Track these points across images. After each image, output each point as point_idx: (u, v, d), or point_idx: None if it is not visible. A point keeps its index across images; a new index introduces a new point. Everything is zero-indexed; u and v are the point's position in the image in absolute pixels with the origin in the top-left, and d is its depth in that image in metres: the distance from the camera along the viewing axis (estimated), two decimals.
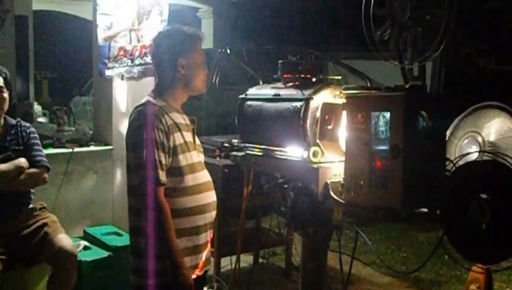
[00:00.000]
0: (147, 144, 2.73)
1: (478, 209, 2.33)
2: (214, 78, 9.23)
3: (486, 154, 2.69)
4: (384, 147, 2.56)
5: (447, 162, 2.62)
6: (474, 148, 3.06)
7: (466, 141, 3.16)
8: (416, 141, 2.49)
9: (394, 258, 6.31)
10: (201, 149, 3.08)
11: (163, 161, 2.73)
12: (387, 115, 2.52)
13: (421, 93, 2.56)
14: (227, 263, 5.17)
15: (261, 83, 3.63)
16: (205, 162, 3.12)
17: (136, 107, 2.91)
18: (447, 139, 2.85)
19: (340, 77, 3.09)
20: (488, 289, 3.21)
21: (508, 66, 8.20)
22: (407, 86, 2.54)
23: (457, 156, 2.75)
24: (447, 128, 2.82)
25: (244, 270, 5.07)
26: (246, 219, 4.88)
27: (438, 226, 2.64)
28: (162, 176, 2.68)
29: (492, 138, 3.03)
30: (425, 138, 2.53)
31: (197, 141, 3.05)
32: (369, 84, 3.16)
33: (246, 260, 5.49)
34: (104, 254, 4.28)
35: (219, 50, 9.33)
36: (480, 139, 3.03)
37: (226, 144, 5.00)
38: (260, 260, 5.75)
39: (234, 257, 4.84)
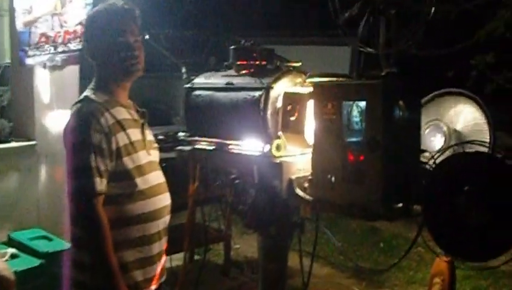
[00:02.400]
0: (83, 149, 2.39)
1: (465, 204, 2.17)
2: None
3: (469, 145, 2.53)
4: (358, 139, 2.38)
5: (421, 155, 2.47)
6: (439, 136, 2.92)
7: (428, 129, 3.02)
8: (394, 133, 2.31)
9: (330, 248, 6.18)
10: (154, 145, 2.77)
11: (102, 167, 2.38)
12: (363, 104, 2.33)
13: (399, 81, 2.38)
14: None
15: (183, 69, 3.35)
16: None
17: (73, 104, 2.56)
18: None
19: (300, 64, 2.85)
20: (452, 282, 3.10)
21: (429, 51, 8.21)
22: (383, 74, 2.35)
23: (436, 150, 2.59)
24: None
25: (178, 270, 4.79)
26: (180, 212, 4.61)
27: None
28: (100, 184, 2.36)
29: (457, 126, 2.90)
30: (402, 129, 2.35)
31: (149, 137, 2.73)
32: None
33: (179, 257, 5.19)
34: (35, 262, 3.90)
35: None
36: (445, 128, 2.89)
37: (160, 137, 4.69)
38: (195, 257, 5.49)
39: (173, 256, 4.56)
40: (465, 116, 2.89)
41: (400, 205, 2.40)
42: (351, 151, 2.39)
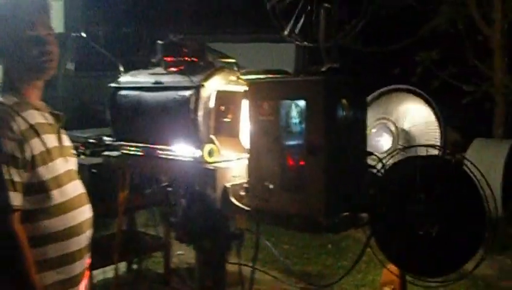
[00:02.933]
0: None
1: (418, 214, 1.95)
2: (70, 64, 8.46)
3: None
4: (298, 142, 2.14)
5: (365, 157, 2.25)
6: (386, 137, 2.70)
7: (375, 129, 2.81)
8: (337, 134, 2.08)
9: (277, 251, 5.91)
10: (71, 152, 2.46)
11: (17, 179, 2.09)
12: (302, 104, 2.09)
13: (341, 77, 2.14)
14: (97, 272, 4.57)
15: (121, 68, 3.07)
16: None
17: None
18: None
19: (234, 60, 2.60)
20: None
21: (374, 47, 8.08)
22: (324, 69, 2.11)
23: (383, 151, 2.37)
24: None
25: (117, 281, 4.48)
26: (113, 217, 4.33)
27: None
28: (15, 199, 2.07)
29: (405, 125, 2.68)
30: (346, 130, 2.13)
31: (66, 142, 2.42)
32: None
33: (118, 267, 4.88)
34: None
35: (73, 34, 8.51)
36: (392, 128, 2.67)
37: (91, 140, 4.37)
38: (134, 266, 5.18)
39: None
40: (414, 115, 2.69)
41: (346, 214, 2.17)
42: (291, 155, 2.15)
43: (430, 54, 8.09)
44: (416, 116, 2.67)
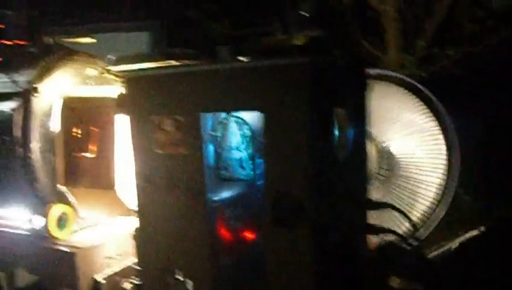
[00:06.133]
0: None
1: None
2: None
3: None
4: (244, 197, 1.04)
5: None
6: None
7: None
8: (333, 180, 0.99)
9: None
10: None
11: None
12: (253, 119, 0.97)
13: (335, 58, 1.03)
14: None
15: None
16: None
17: None
18: None
19: (94, 40, 1.44)
20: None
21: (240, 31, 7.13)
22: (301, 42, 0.98)
23: None
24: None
25: None
26: None
27: None
28: None
29: (393, 145, 1.54)
30: (344, 171, 1.04)
31: None
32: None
33: None
34: None
35: None
36: (370, 146, 1.53)
37: None
38: None
39: None
40: (401, 120, 1.57)
41: None
42: (228, 223, 1.06)
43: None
44: (404, 123, 1.57)
